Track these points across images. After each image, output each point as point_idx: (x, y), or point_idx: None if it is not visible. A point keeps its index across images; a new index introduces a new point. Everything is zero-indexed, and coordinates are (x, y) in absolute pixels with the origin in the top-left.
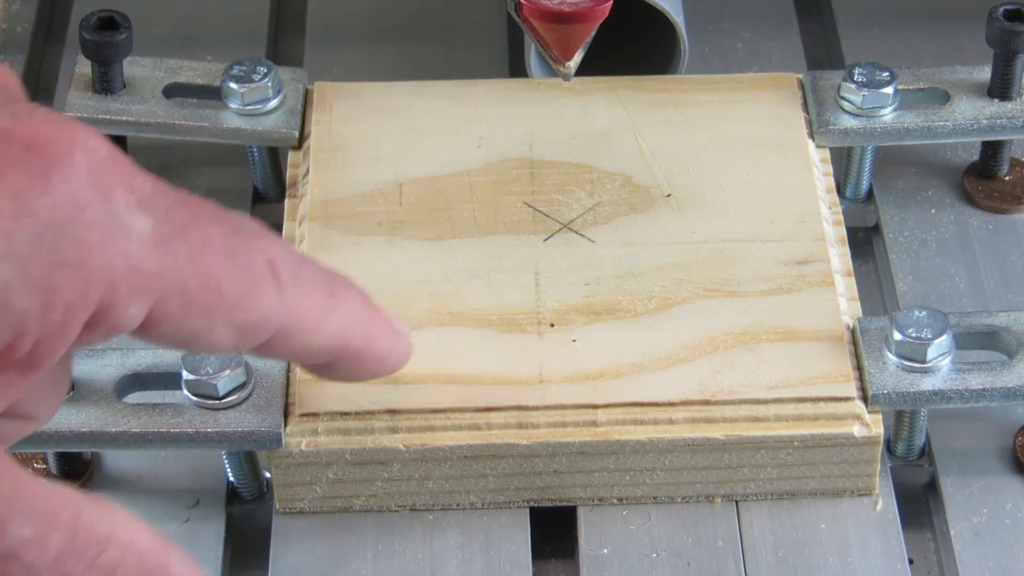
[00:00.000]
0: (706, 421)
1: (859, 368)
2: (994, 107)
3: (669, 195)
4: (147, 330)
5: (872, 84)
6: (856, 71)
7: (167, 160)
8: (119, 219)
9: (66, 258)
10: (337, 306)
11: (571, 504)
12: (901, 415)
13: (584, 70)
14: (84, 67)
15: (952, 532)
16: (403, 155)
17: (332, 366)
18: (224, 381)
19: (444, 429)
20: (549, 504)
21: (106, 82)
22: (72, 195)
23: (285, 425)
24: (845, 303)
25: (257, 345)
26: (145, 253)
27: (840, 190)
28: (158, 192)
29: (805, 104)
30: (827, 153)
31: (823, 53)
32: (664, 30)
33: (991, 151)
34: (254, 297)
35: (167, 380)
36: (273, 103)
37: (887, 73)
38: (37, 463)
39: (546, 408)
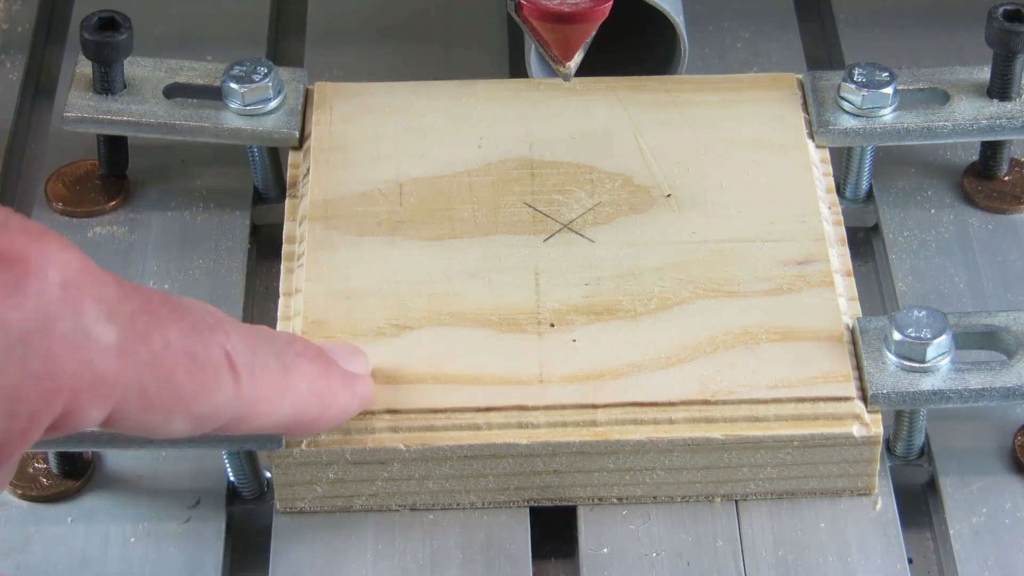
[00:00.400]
0: (706, 421)
1: (859, 368)
2: (994, 107)
3: (669, 195)
4: (106, 425)
5: (872, 84)
6: (856, 71)
7: (167, 160)
8: (87, 331)
9: (34, 369)
10: (292, 385)
11: (571, 504)
12: (900, 415)
13: (584, 70)
14: (84, 67)
15: (951, 532)
16: (403, 155)
17: (290, 432)
18: None
19: (444, 429)
20: (549, 504)
21: (106, 82)
22: (44, 309)
23: None
24: (845, 303)
25: (213, 429)
26: (109, 362)
27: (840, 190)
28: (123, 298)
29: (805, 104)
30: (827, 153)
31: (823, 53)
32: (664, 30)
33: (991, 151)
34: (211, 392)
35: None
36: (273, 103)
37: (887, 73)
38: (37, 463)
39: (546, 408)
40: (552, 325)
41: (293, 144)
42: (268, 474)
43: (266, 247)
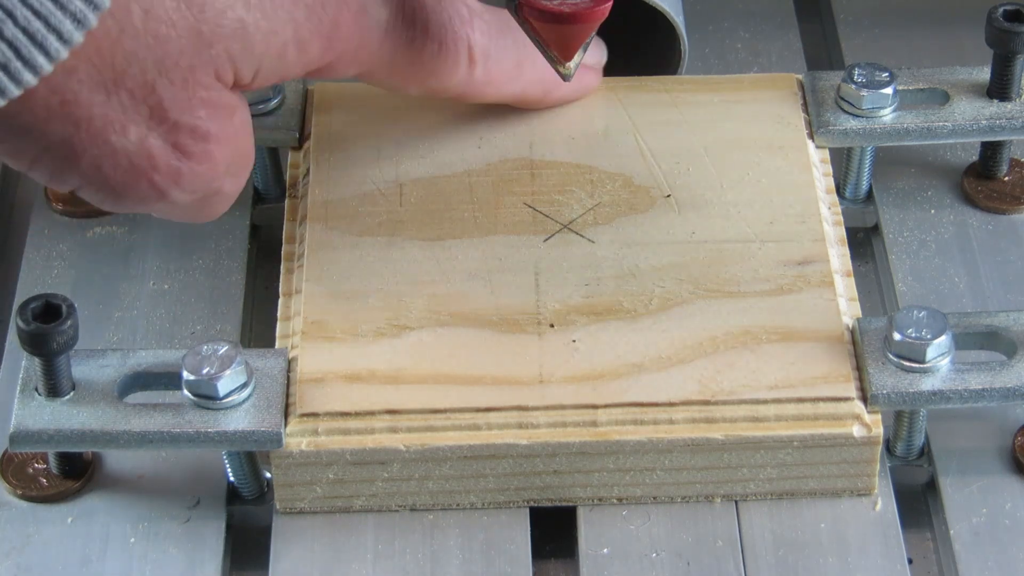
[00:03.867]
0: (706, 421)
1: (859, 368)
2: (993, 107)
3: (669, 195)
4: (357, 78)
5: (872, 84)
6: (856, 71)
7: None
8: (367, 8)
9: (327, 22)
10: (521, 75)
11: (571, 504)
12: (900, 415)
13: None
14: None
15: (951, 532)
16: (403, 155)
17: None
18: (224, 381)
19: (444, 429)
20: (549, 504)
21: None
22: None
23: (285, 425)
24: (845, 303)
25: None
26: (376, 36)
27: (840, 190)
28: None
29: (805, 104)
30: (827, 153)
31: (823, 53)
32: (664, 30)
33: (991, 152)
34: (448, 74)
35: (167, 380)
36: (273, 103)
37: (887, 73)
38: (37, 463)
39: (546, 408)
40: (552, 325)
41: (293, 144)
42: (268, 474)
43: (266, 247)
